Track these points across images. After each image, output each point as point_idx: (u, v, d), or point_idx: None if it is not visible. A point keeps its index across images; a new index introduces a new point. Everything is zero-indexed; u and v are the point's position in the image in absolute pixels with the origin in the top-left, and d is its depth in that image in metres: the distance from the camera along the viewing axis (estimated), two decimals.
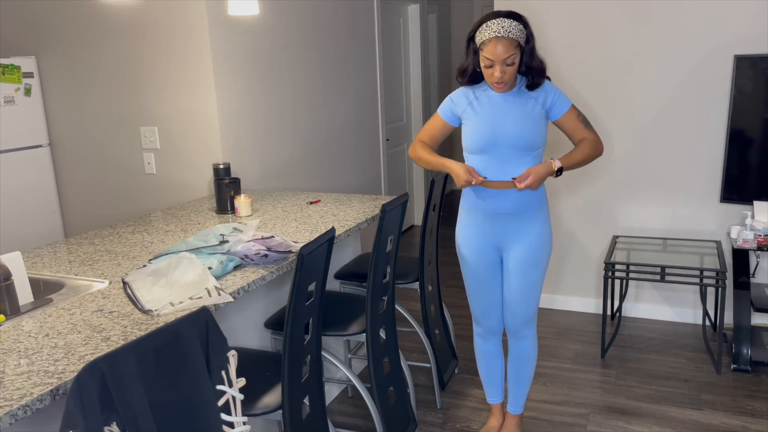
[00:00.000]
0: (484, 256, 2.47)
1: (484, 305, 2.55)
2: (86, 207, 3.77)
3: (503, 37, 2.14)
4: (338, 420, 2.92)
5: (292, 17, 3.86)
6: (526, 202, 2.37)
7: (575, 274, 3.99)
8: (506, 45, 2.15)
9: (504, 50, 2.15)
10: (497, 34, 2.14)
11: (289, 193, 3.31)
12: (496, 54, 2.16)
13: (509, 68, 2.20)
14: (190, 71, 3.27)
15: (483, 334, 2.64)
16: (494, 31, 2.15)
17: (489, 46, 2.17)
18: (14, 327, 1.71)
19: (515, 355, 2.60)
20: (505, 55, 2.16)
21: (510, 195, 2.35)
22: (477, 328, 2.65)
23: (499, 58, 2.17)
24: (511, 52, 2.16)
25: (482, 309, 2.56)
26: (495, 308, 2.55)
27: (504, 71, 2.20)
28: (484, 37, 2.17)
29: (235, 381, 1.51)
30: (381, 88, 5.10)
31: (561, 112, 2.33)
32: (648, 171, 3.68)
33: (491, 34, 2.16)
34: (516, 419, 2.68)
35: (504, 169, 2.31)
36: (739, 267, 3.20)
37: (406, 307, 4.17)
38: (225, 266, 2.05)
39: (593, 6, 3.60)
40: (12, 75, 3.51)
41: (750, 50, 3.35)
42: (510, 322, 2.53)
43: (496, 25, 2.16)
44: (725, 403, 2.92)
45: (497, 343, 2.66)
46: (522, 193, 2.35)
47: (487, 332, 2.63)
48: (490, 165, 2.32)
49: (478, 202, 2.42)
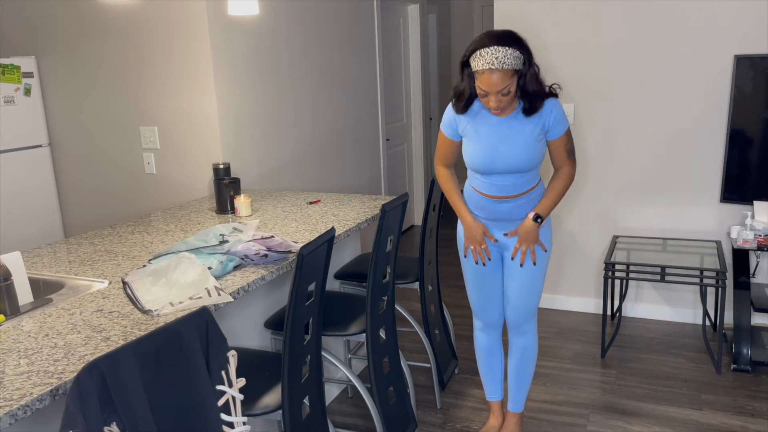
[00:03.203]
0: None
1: (483, 299, 2.56)
2: (86, 207, 3.77)
3: (498, 69, 2.07)
4: (338, 420, 2.92)
5: (292, 17, 3.86)
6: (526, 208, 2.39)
7: (575, 274, 3.99)
8: (501, 76, 2.08)
9: (499, 81, 2.09)
10: (491, 65, 2.07)
11: (289, 193, 3.31)
12: (491, 85, 2.10)
13: (505, 97, 2.14)
14: (190, 71, 3.27)
15: (483, 328, 2.65)
16: (488, 62, 2.07)
17: (483, 77, 2.10)
18: (14, 327, 1.71)
19: (517, 350, 2.60)
20: (500, 86, 2.10)
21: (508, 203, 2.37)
22: (477, 322, 2.66)
23: (494, 89, 2.11)
24: (506, 83, 2.10)
25: (481, 303, 2.57)
26: (494, 302, 2.56)
27: (500, 100, 2.14)
28: (478, 67, 2.10)
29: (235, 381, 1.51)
30: (381, 88, 5.09)
31: (554, 136, 2.30)
32: (648, 171, 3.68)
33: (485, 66, 2.08)
34: (516, 418, 2.68)
35: (503, 186, 2.33)
36: (739, 267, 3.20)
37: (406, 307, 4.17)
38: (225, 266, 2.05)
39: (593, 6, 3.60)
40: (12, 75, 3.51)
41: (750, 50, 3.35)
42: (511, 316, 2.54)
43: (490, 55, 2.07)
44: (725, 403, 2.92)
45: (497, 337, 2.67)
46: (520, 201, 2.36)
47: (487, 326, 2.63)
48: (489, 182, 2.34)
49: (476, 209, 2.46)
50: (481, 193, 2.37)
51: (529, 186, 2.34)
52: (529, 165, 2.28)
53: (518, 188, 2.33)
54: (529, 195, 2.36)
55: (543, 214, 2.35)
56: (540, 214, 2.35)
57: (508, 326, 2.60)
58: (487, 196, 2.37)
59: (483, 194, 2.37)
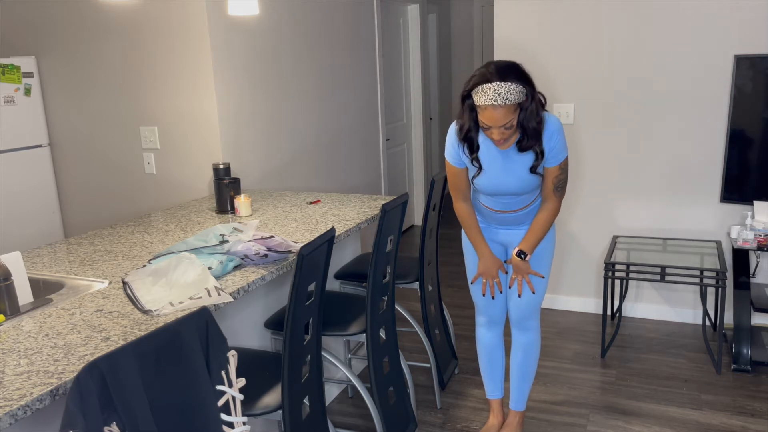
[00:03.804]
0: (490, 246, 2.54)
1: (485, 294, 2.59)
2: (86, 207, 3.77)
3: (500, 105, 2.04)
4: (338, 420, 2.92)
5: (292, 17, 3.86)
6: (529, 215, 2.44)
7: (575, 274, 3.99)
8: (504, 112, 2.05)
9: (502, 116, 2.06)
10: (494, 102, 2.03)
11: (289, 193, 3.31)
12: (494, 120, 2.07)
13: (508, 130, 2.11)
14: (190, 71, 3.27)
15: (485, 324, 2.66)
16: (491, 98, 2.03)
17: (486, 113, 2.07)
18: (14, 327, 1.71)
19: (519, 347, 2.61)
20: (503, 121, 2.07)
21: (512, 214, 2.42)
22: (479, 318, 2.67)
23: (497, 124, 2.08)
24: (509, 118, 2.07)
25: (483, 298, 2.59)
26: (497, 297, 2.58)
27: (503, 133, 2.12)
28: (480, 102, 2.07)
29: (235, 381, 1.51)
30: (381, 88, 5.09)
31: (550, 165, 2.27)
32: (648, 171, 3.68)
33: (488, 102, 2.04)
34: (518, 416, 2.68)
35: (506, 203, 2.38)
36: (739, 267, 3.20)
37: (406, 307, 4.17)
38: (225, 266, 2.05)
39: (593, 6, 3.60)
40: (12, 75, 3.51)
41: (750, 50, 3.35)
42: (515, 312, 2.55)
43: (492, 91, 2.03)
44: (725, 403, 2.91)
45: (499, 334, 2.68)
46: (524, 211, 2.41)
47: (490, 322, 2.65)
48: (495, 200, 2.39)
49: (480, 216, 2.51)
50: (485, 206, 2.44)
51: (532, 198, 2.40)
52: (533, 188, 2.33)
53: (522, 203, 2.39)
54: (533, 205, 2.42)
55: (527, 251, 2.39)
56: (523, 251, 2.39)
57: (511, 323, 2.61)
58: (491, 210, 2.44)
59: (488, 207, 2.44)
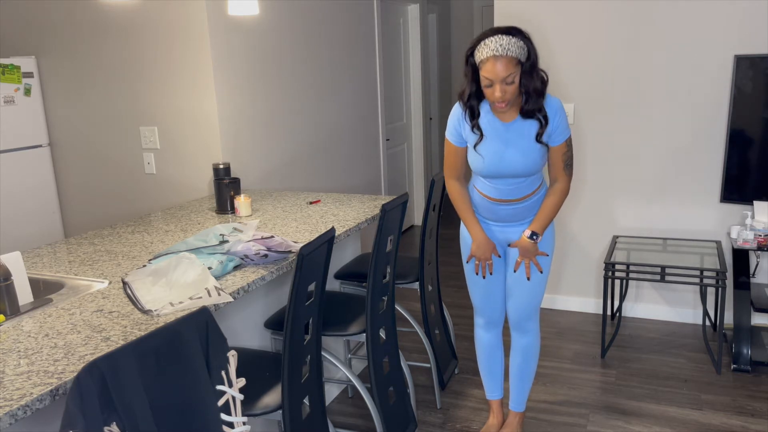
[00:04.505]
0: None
1: (485, 294, 2.57)
2: (86, 207, 3.77)
3: (502, 55, 2.08)
4: (338, 420, 2.92)
5: (292, 17, 3.86)
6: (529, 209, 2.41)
7: (575, 274, 3.99)
8: (505, 63, 2.08)
9: (503, 69, 2.09)
10: (495, 52, 2.08)
11: (289, 193, 3.31)
12: (495, 73, 2.10)
13: (509, 87, 2.13)
14: (190, 71, 3.27)
15: (484, 325, 2.66)
16: (492, 49, 2.08)
17: (488, 65, 2.10)
18: (14, 327, 1.71)
19: (519, 349, 2.61)
20: (504, 73, 2.09)
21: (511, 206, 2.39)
22: (478, 318, 2.67)
23: (499, 77, 2.10)
24: (510, 71, 2.10)
25: (483, 298, 2.58)
26: (495, 298, 2.57)
27: (504, 90, 2.13)
28: (483, 56, 2.11)
29: (235, 381, 1.51)
30: (381, 88, 5.09)
31: (554, 143, 2.29)
32: (648, 171, 3.68)
33: (489, 53, 2.09)
34: (518, 417, 2.68)
35: (506, 189, 2.35)
36: (739, 267, 3.20)
37: (406, 307, 4.17)
38: (225, 266, 2.05)
39: (593, 6, 3.60)
40: (12, 75, 3.51)
41: (750, 50, 3.35)
42: (514, 314, 2.54)
43: (494, 43, 2.08)
44: (725, 403, 2.91)
45: (498, 335, 2.68)
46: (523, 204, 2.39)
47: (488, 323, 2.64)
48: (494, 184, 2.36)
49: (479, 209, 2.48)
50: (485, 195, 2.40)
51: (532, 189, 2.36)
52: (534, 169, 2.30)
53: (521, 191, 2.35)
54: (532, 198, 2.38)
55: (539, 231, 2.37)
56: (536, 232, 2.37)
57: (510, 324, 2.60)
58: (490, 199, 2.39)
59: (486, 197, 2.40)
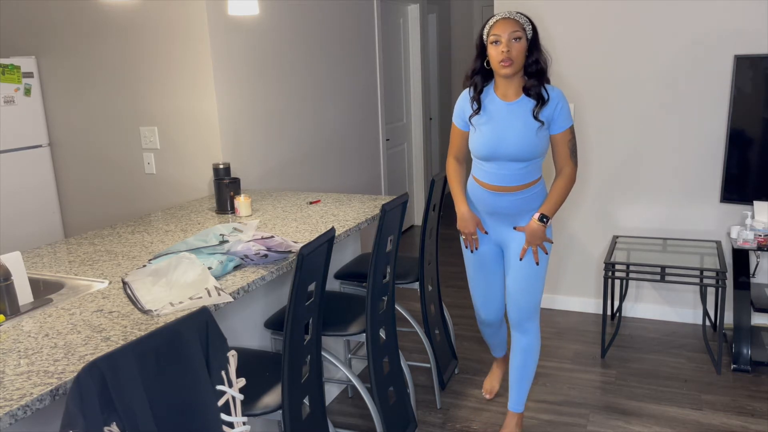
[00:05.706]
0: (487, 245, 2.57)
1: (484, 293, 2.64)
2: (86, 207, 3.77)
3: (509, 17, 2.29)
4: (338, 420, 2.92)
5: (292, 17, 3.86)
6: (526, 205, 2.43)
7: (575, 274, 3.99)
8: (512, 23, 2.28)
9: (511, 26, 2.27)
10: (503, 15, 2.31)
11: (289, 193, 3.31)
12: (504, 27, 2.27)
13: (516, 44, 2.26)
14: (190, 71, 3.27)
15: (485, 323, 2.78)
16: (500, 14, 2.32)
17: (496, 26, 2.29)
18: (14, 327, 1.71)
19: (519, 349, 2.62)
20: (511, 29, 2.26)
21: (509, 197, 2.40)
22: (478, 317, 2.78)
23: (506, 31, 2.26)
24: (516, 28, 2.27)
25: (482, 297, 2.65)
26: (495, 298, 2.64)
27: (510, 46, 2.26)
28: (492, 22, 2.31)
29: (235, 381, 1.51)
30: (381, 88, 5.09)
31: (557, 130, 2.37)
32: (648, 171, 3.68)
33: (498, 17, 2.31)
34: (517, 418, 2.69)
35: (504, 175, 2.39)
36: (739, 267, 3.20)
37: (406, 307, 4.17)
38: (225, 266, 2.05)
39: (593, 5, 3.60)
40: (12, 75, 3.51)
41: (750, 50, 3.35)
42: (513, 314, 2.56)
43: (503, 11, 2.35)
44: (725, 403, 2.91)
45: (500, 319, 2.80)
46: (520, 196, 2.40)
47: (489, 322, 2.76)
48: (492, 170, 2.40)
49: (478, 203, 2.50)
50: (483, 183, 2.43)
51: (530, 179, 2.38)
52: (532, 153, 2.33)
53: (519, 179, 2.38)
54: (530, 190, 2.40)
55: (549, 214, 2.40)
56: (546, 214, 2.40)
57: (510, 325, 2.62)
58: (488, 187, 2.42)
59: (484, 185, 2.43)
